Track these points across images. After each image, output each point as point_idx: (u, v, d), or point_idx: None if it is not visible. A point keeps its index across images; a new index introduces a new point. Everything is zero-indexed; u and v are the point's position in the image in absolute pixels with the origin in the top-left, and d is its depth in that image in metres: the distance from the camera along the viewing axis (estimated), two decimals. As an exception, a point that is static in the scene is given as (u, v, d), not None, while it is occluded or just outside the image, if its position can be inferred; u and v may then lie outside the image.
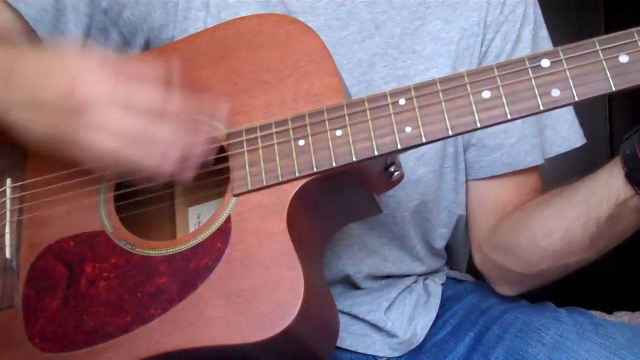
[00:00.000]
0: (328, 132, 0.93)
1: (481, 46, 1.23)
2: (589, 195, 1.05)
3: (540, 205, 1.17)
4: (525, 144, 1.23)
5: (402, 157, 1.03)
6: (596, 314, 1.18)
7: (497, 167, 1.24)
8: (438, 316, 1.27)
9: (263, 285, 0.90)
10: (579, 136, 1.27)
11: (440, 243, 1.31)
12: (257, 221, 0.94)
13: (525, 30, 1.24)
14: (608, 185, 1.02)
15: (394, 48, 1.20)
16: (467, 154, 1.25)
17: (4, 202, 1.06)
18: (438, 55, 1.21)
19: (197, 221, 1.11)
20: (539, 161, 1.25)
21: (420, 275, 1.32)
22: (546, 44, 1.28)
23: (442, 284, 1.33)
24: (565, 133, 1.26)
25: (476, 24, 1.22)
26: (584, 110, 1.29)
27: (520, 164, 1.24)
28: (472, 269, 1.43)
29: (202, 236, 0.95)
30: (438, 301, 1.29)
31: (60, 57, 0.96)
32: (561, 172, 1.18)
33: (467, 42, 1.22)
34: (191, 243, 0.96)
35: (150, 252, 0.97)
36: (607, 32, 0.88)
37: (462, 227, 1.33)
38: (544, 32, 1.28)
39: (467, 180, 1.28)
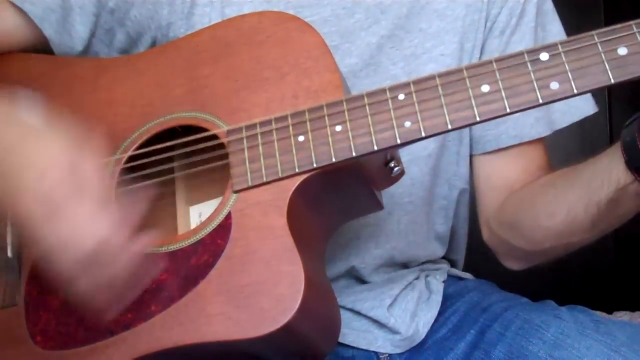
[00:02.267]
0: (328, 128, 0.94)
1: (486, 21, 1.24)
2: (591, 179, 1.07)
3: (545, 186, 1.19)
4: (529, 117, 1.24)
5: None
6: (596, 313, 1.18)
7: (503, 139, 1.26)
8: (439, 313, 1.27)
9: (263, 281, 0.90)
10: (590, 104, 1.27)
11: (440, 219, 1.32)
12: (258, 217, 0.94)
13: (529, 5, 1.26)
14: (609, 170, 1.02)
15: (401, 28, 1.21)
16: (473, 129, 1.27)
17: (5, 201, 1.06)
18: (445, 32, 1.22)
19: (199, 220, 1.11)
20: (544, 133, 1.26)
21: (420, 264, 1.33)
22: (550, 17, 1.29)
23: (444, 282, 1.33)
24: (578, 101, 1.25)
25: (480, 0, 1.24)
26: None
27: (525, 136, 1.25)
28: (471, 267, 1.43)
29: (203, 233, 0.96)
30: (440, 298, 1.29)
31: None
32: (561, 163, 1.19)
33: (472, 18, 1.24)
34: (192, 239, 0.96)
35: (151, 248, 0.97)
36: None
37: (465, 203, 1.35)
38: (547, 6, 1.29)
39: (474, 156, 1.30)
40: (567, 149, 1.40)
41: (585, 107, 1.26)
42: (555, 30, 1.28)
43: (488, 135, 1.27)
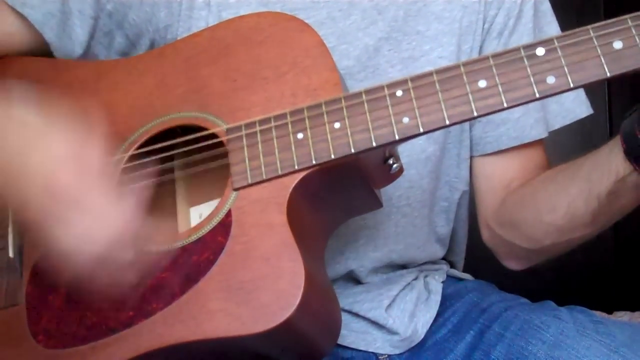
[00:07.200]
0: (326, 125, 0.94)
1: (484, 23, 1.25)
2: (591, 171, 1.07)
3: (545, 181, 1.20)
4: (529, 118, 1.25)
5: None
6: (596, 314, 1.18)
7: (503, 141, 1.26)
8: (439, 314, 1.28)
9: (264, 277, 0.91)
10: (584, 107, 1.28)
11: (441, 221, 1.32)
12: (258, 214, 0.94)
13: (526, 6, 1.26)
14: (608, 161, 1.03)
15: (398, 31, 1.22)
16: (473, 131, 1.28)
17: (6, 202, 1.07)
18: (442, 35, 1.23)
19: (199, 221, 1.11)
20: (544, 134, 1.27)
21: (419, 265, 1.33)
22: (548, 17, 1.30)
23: (442, 282, 1.33)
24: (570, 104, 1.27)
25: (477, 1, 1.24)
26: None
27: (526, 138, 1.26)
28: (471, 267, 1.44)
29: (203, 230, 0.96)
30: (439, 299, 1.29)
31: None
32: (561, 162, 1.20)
33: (469, 19, 1.24)
34: (192, 237, 0.97)
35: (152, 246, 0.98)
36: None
37: (464, 205, 1.35)
38: (545, 6, 1.30)
39: (474, 157, 1.30)
40: (567, 148, 1.40)
41: (578, 110, 1.27)
42: (552, 32, 1.28)
43: (488, 136, 1.27)
